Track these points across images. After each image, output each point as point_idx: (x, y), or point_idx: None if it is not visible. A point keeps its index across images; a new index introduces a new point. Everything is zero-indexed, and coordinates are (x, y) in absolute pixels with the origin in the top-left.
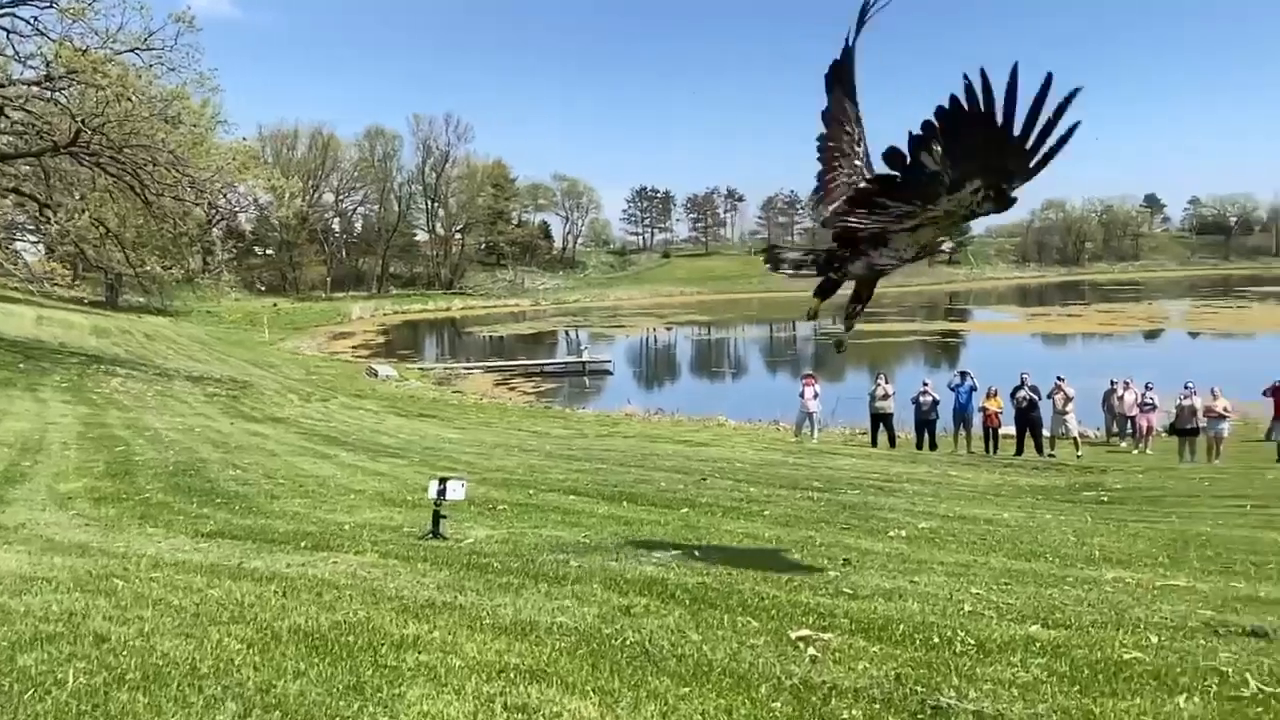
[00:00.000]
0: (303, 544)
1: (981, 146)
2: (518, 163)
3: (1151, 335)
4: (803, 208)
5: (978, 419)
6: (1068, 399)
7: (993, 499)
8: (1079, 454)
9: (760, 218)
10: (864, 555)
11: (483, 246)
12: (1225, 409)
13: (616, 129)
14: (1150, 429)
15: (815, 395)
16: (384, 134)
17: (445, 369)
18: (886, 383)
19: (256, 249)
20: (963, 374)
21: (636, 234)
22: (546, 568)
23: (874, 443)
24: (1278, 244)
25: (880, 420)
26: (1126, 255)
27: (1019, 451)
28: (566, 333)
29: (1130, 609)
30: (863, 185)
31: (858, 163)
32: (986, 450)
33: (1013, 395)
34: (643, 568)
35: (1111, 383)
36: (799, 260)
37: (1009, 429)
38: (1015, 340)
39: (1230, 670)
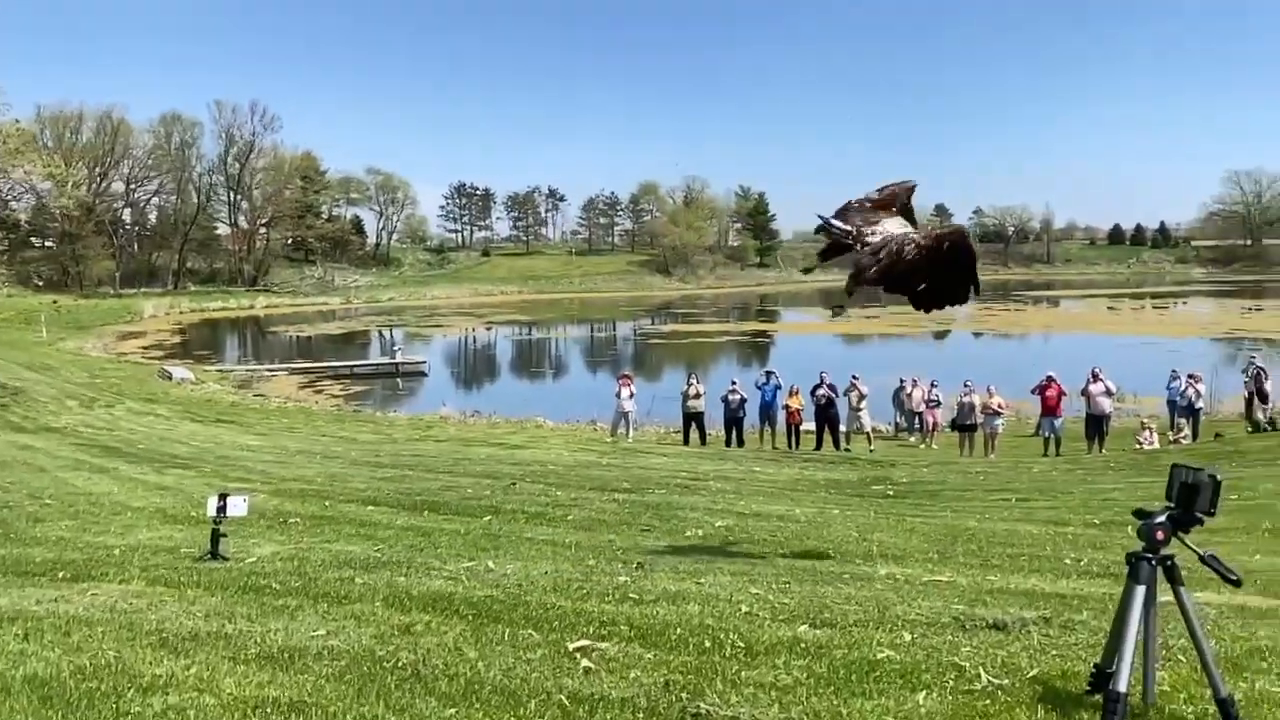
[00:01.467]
0: (61, 574)
1: None
2: (330, 155)
3: (940, 335)
4: (622, 209)
5: (781, 416)
6: (862, 396)
7: (790, 494)
8: (872, 448)
9: (582, 218)
10: (659, 556)
11: (290, 242)
12: (1000, 406)
13: (434, 124)
14: (936, 424)
15: (631, 395)
16: (181, 120)
17: (247, 371)
18: (698, 382)
19: (34, 240)
20: (768, 373)
21: (455, 231)
22: (329, 586)
23: (686, 441)
24: (1049, 252)
25: (692, 419)
26: None
27: (818, 446)
28: (380, 332)
29: (893, 606)
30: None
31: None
32: (789, 446)
33: (813, 393)
34: (431, 582)
35: (901, 380)
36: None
37: (810, 425)
38: (819, 340)
39: (968, 665)
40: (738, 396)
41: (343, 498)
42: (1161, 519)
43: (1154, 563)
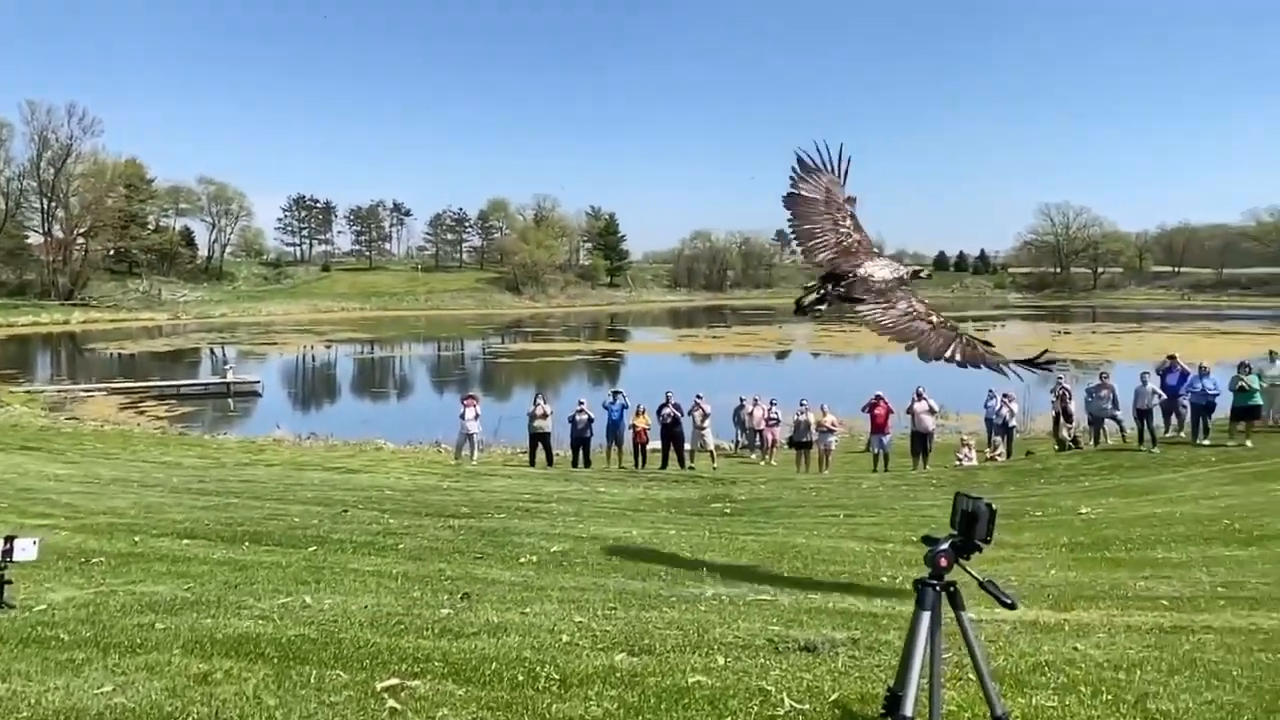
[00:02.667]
0: None
1: None
2: (159, 164)
3: (781, 355)
4: (471, 225)
5: (628, 435)
6: (705, 415)
7: (631, 515)
8: (715, 466)
9: (429, 233)
10: (488, 586)
11: (112, 253)
12: (833, 423)
13: (273, 135)
14: (775, 442)
15: (476, 416)
16: None
17: (59, 392)
18: (544, 402)
19: None
20: (615, 393)
21: (294, 245)
22: (125, 635)
23: (532, 462)
24: None
25: (538, 439)
26: (761, 283)
27: (664, 465)
28: (211, 350)
29: (714, 629)
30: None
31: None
32: (635, 465)
33: (658, 412)
34: (240, 623)
35: (741, 399)
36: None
37: (656, 444)
38: (667, 359)
39: (774, 689)
40: (585, 416)
41: (156, 531)
42: (944, 546)
43: (938, 589)
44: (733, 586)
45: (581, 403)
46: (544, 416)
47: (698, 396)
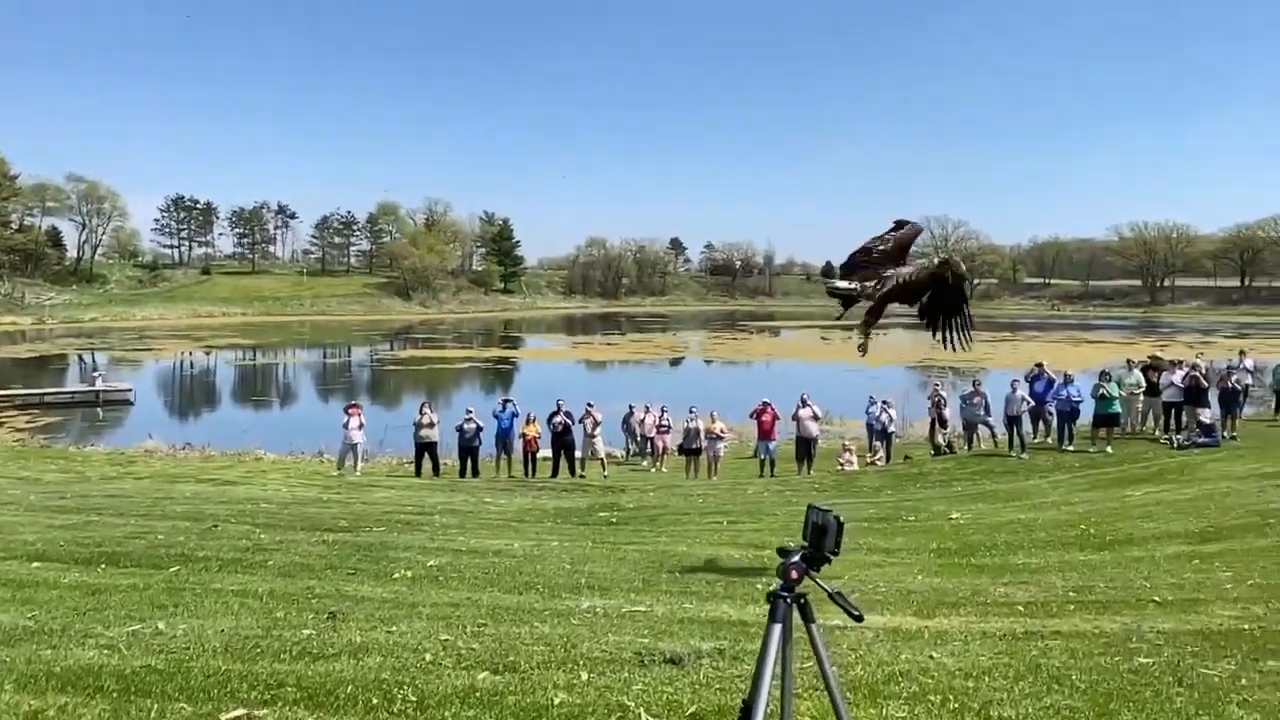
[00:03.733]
0: None
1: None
2: (22, 160)
3: (675, 362)
4: (360, 229)
5: (519, 444)
6: (596, 423)
7: (515, 526)
8: (605, 474)
9: (314, 237)
10: (357, 604)
11: None
12: (722, 430)
13: (150, 133)
14: (665, 449)
15: (360, 425)
16: None
17: None
18: (431, 411)
19: None
20: (505, 401)
21: (172, 247)
22: None
23: (418, 472)
24: (770, 285)
25: (424, 449)
26: (656, 290)
27: (554, 474)
28: (80, 357)
29: (582, 643)
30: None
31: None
32: (525, 474)
33: (549, 420)
34: (84, 653)
35: (631, 407)
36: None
37: (546, 452)
38: (561, 367)
39: (634, 704)
40: (473, 425)
41: (3, 554)
42: (796, 558)
43: (789, 600)
44: (609, 598)
45: (469, 411)
46: (430, 425)
47: (589, 404)
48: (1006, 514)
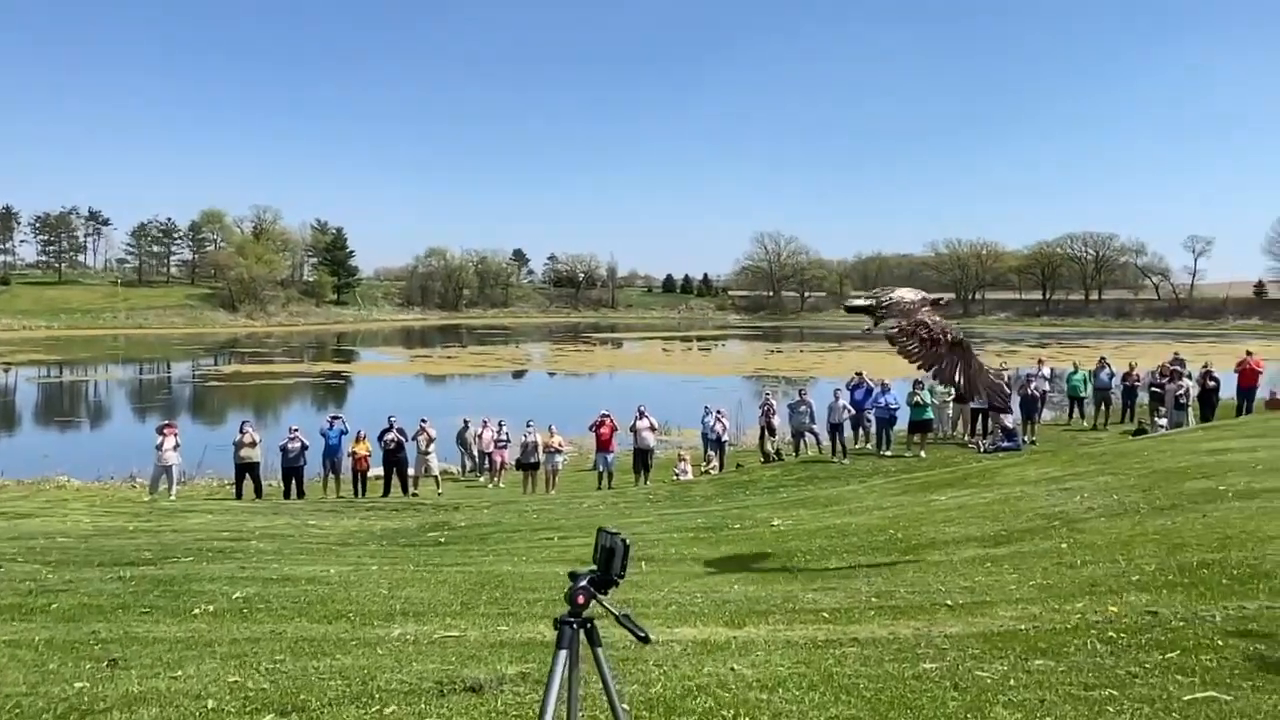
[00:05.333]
0: None
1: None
2: None
3: (518, 375)
4: (181, 237)
5: (347, 463)
6: (430, 439)
7: (337, 550)
8: (440, 492)
9: (130, 245)
10: (146, 647)
11: None
12: (560, 444)
13: None
14: (504, 464)
15: (176, 446)
16: None
17: None
18: (252, 429)
19: None
20: (334, 418)
21: None
22: None
23: (238, 495)
24: (613, 297)
25: (245, 470)
26: (498, 302)
27: (385, 493)
28: None
29: (383, 674)
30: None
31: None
32: (355, 493)
33: (380, 438)
34: None
35: (466, 421)
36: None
37: (378, 471)
38: (397, 382)
39: None
40: (297, 444)
41: None
42: (583, 583)
43: (576, 626)
44: (424, 624)
45: (294, 429)
46: (252, 445)
47: (422, 421)
48: (824, 519)
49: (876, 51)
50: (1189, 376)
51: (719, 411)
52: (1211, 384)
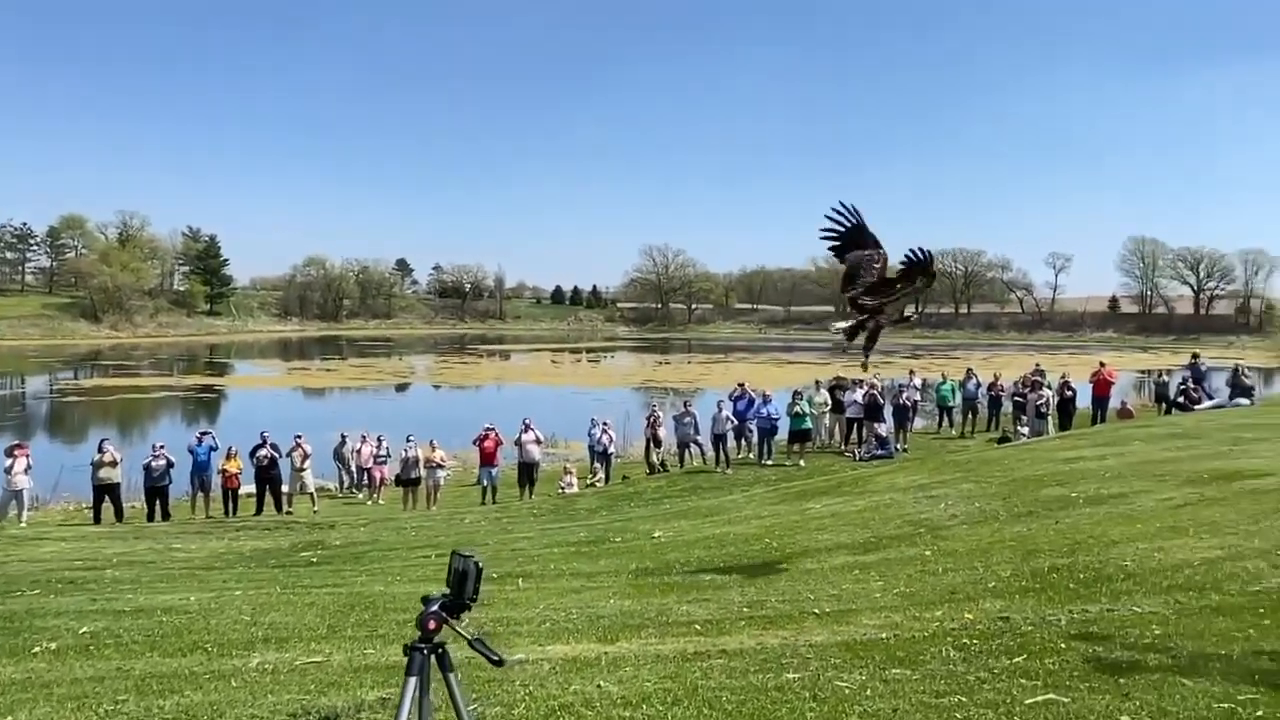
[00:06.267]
0: None
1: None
2: None
3: (401, 388)
4: (38, 243)
5: (217, 481)
6: (306, 455)
7: (201, 575)
8: (315, 509)
9: None
10: None
11: None
12: (442, 459)
13: None
14: (384, 479)
15: (27, 468)
16: None
17: None
18: (112, 448)
19: None
20: (203, 434)
21: None
22: None
23: (96, 519)
24: (501, 308)
25: (105, 491)
26: (381, 313)
27: (258, 511)
28: None
29: (233, 709)
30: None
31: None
32: (226, 513)
33: (253, 454)
34: None
35: (343, 435)
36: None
37: (250, 489)
38: (274, 394)
39: None
40: (162, 462)
41: None
42: (434, 608)
43: (426, 652)
44: (285, 651)
45: (159, 447)
46: (113, 464)
47: (297, 436)
48: (704, 530)
49: (760, 73)
50: (1049, 387)
51: (605, 423)
52: (1069, 394)
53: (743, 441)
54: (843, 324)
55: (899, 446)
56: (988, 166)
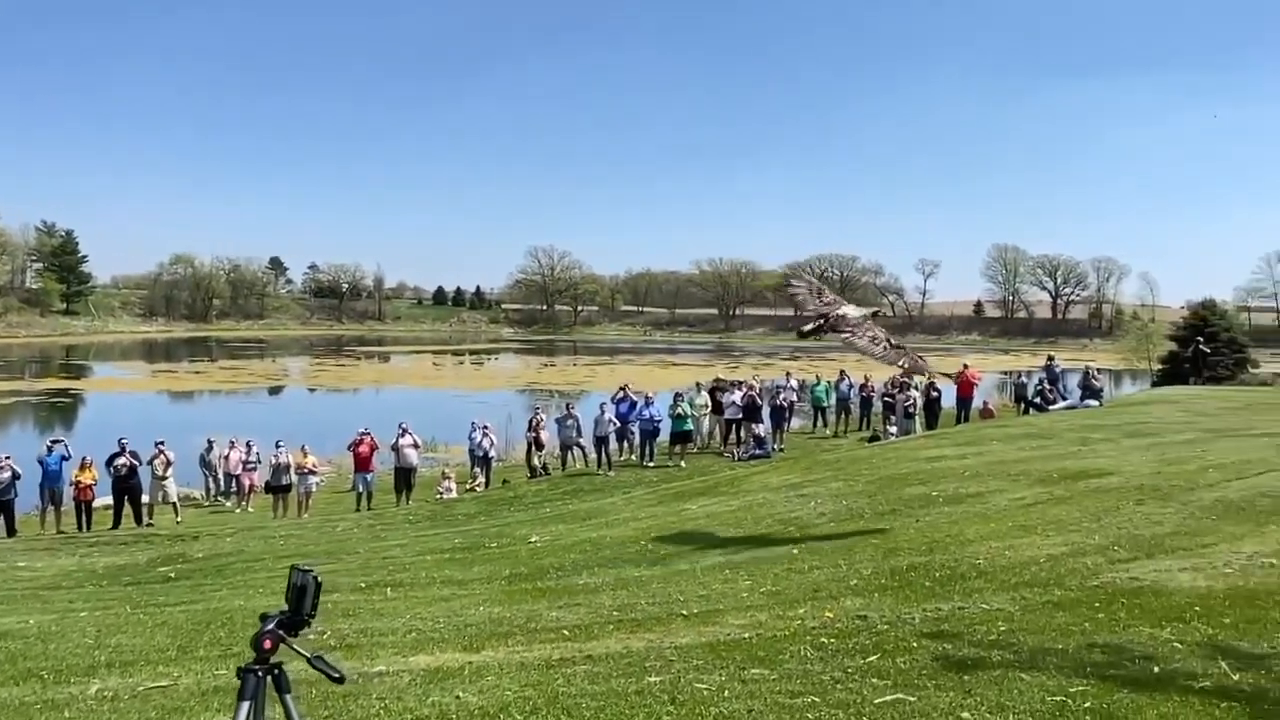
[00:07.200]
0: None
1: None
2: None
3: (274, 391)
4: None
5: (69, 492)
6: (168, 464)
7: (45, 595)
8: (179, 520)
9: None
10: None
11: None
12: (314, 465)
13: None
14: (253, 487)
15: None
16: None
17: None
18: None
19: None
20: (54, 442)
21: None
22: None
23: None
24: (380, 309)
25: None
26: (253, 313)
27: (116, 524)
28: None
29: None
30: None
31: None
32: (80, 527)
33: (109, 464)
34: None
35: (210, 442)
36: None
37: (106, 500)
38: (137, 399)
39: None
40: (7, 473)
41: None
42: (270, 627)
43: (261, 674)
44: (130, 676)
45: (4, 457)
46: None
47: (158, 443)
48: (581, 533)
49: (646, 75)
50: (916, 388)
51: (486, 427)
52: (935, 394)
53: (625, 443)
54: (807, 327)
55: (776, 446)
56: (859, 173)
